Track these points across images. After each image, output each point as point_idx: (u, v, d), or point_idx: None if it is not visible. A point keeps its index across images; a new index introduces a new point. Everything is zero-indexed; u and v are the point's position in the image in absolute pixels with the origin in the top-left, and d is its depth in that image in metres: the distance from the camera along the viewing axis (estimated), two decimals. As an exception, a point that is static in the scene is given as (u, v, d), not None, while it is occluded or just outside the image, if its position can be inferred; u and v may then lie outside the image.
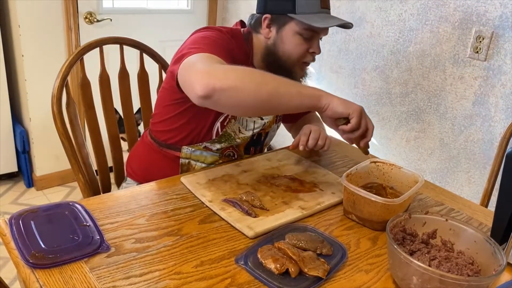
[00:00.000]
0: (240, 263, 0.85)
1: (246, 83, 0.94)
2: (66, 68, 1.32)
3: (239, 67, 0.99)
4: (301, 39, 1.20)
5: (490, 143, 1.79)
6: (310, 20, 1.16)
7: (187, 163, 1.29)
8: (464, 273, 0.80)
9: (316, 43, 1.23)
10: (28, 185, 2.65)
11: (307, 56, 1.24)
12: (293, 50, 1.22)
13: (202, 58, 1.02)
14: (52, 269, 0.79)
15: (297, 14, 1.17)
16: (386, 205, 0.97)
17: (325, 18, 1.18)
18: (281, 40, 1.22)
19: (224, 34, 1.21)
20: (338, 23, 1.17)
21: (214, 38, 1.16)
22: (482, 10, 1.73)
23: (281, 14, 1.19)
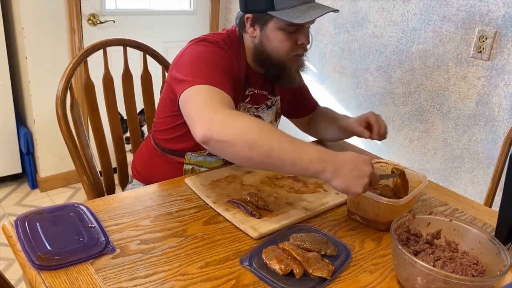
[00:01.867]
0: (244, 264, 0.85)
1: (240, 140, 0.91)
2: (70, 70, 1.33)
3: (240, 117, 0.95)
4: (286, 34, 1.16)
5: (493, 142, 1.79)
6: (290, 16, 1.12)
7: (191, 169, 1.29)
8: (468, 273, 0.80)
9: (303, 35, 1.18)
10: (32, 186, 2.66)
11: (296, 49, 1.20)
12: (280, 46, 1.18)
13: (203, 96, 1.01)
14: (58, 270, 0.80)
15: (277, 10, 1.13)
16: (390, 205, 0.97)
17: (306, 10, 1.13)
18: (266, 38, 1.19)
19: (220, 47, 1.17)
20: (319, 15, 1.12)
21: (212, 60, 1.12)
22: (485, 10, 1.73)
23: (261, 13, 1.16)
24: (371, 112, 1.30)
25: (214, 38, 1.19)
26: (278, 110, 1.39)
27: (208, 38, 1.19)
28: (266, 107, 1.32)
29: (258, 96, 1.29)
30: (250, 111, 1.28)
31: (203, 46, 1.16)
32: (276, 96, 1.35)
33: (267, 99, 1.32)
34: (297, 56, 1.22)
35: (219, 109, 0.97)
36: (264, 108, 1.31)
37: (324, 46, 2.43)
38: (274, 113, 1.36)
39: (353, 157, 0.91)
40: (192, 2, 2.87)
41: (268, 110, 1.33)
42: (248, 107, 1.27)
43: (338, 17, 2.31)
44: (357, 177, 0.89)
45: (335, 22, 2.34)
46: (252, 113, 1.28)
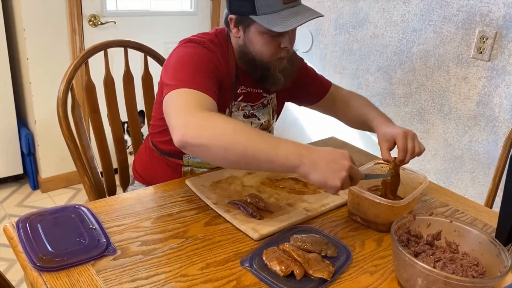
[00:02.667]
0: (245, 265, 0.85)
1: (215, 143, 0.92)
2: (71, 71, 1.33)
3: (214, 119, 0.96)
4: (269, 38, 1.14)
5: (494, 143, 1.79)
6: (271, 22, 1.09)
7: (190, 171, 1.29)
8: (469, 274, 0.80)
9: (286, 38, 1.15)
10: (33, 187, 2.66)
11: (280, 52, 1.18)
12: (263, 49, 1.16)
13: (181, 101, 1.01)
14: (59, 272, 0.80)
15: (258, 15, 1.10)
16: (390, 206, 0.97)
17: (288, 16, 1.10)
18: (249, 40, 1.17)
19: (206, 47, 1.16)
20: (300, 23, 1.08)
21: (196, 62, 1.11)
22: (486, 10, 1.73)
23: (244, 15, 1.14)
24: (403, 131, 1.12)
25: (201, 39, 1.19)
26: (274, 108, 1.37)
27: (195, 38, 1.19)
28: (262, 106, 1.32)
29: (252, 95, 1.29)
30: (245, 109, 1.27)
31: (188, 48, 1.16)
32: (271, 94, 1.35)
33: (262, 97, 1.32)
34: (281, 58, 1.20)
35: (195, 113, 0.97)
36: (260, 107, 1.31)
37: (324, 47, 2.43)
38: (270, 111, 1.35)
39: (330, 151, 0.91)
40: (192, 2, 2.88)
41: (264, 109, 1.32)
42: (242, 106, 1.27)
43: (339, 18, 2.32)
44: (335, 170, 0.88)
45: (336, 23, 2.34)
46: (248, 111, 1.28)
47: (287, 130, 2.79)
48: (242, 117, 1.27)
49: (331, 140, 1.56)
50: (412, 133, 1.13)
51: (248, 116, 1.28)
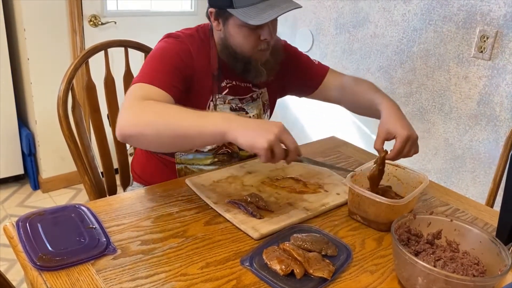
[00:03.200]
0: (245, 264, 0.85)
1: (148, 130, 0.96)
2: (72, 71, 1.33)
3: (145, 107, 0.98)
4: (248, 30, 1.14)
5: (495, 142, 1.79)
6: (247, 15, 1.09)
7: (184, 168, 1.29)
8: (469, 273, 0.80)
9: (265, 30, 1.14)
10: (34, 187, 2.66)
11: (260, 44, 1.17)
12: (243, 42, 1.16)
13: (131, 95, 1.04)
14: (59, 271, 0.80)
15: (235, 8, 1.10)
16: (391, 205, 0.97)
17: (264, 9, 1.09)
18: (229, 33, 1.17)
19: (181, 41, 1.18)
20: (277, 15, 1.08)
21: (163, 57, 1.13)
22: (486, 10, 1.73)
23: (222, 9, 1.14)
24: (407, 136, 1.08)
25: (179, 33, 1.20)
26: (265, 102, 1.36)
27: (173, 33, 1.21)
28: (251, 100, 1.31)
29: (239, 88, 1.28)
30: (232, 102, 1.26)
31: (163, 43, 1.18)
32: (261, 89, 1.34)
33: (251, 91, 1.31)
34: (262, 51, 1.19)
35: (131, 105, 1.00)
36: (249, 101, 1.30)
37: (325, 46, 2.43)
38: (260, 105, 1.33)
39: (262, 120, 0.93)
40: (193, 3, 2.88)
41: (253, 102, 1.31)
42: (229, 99, 1.26)
43: (339, 18, 2.31)
44: (263, 132, 0.89)
45: (336, 23, 2.34)
46: (235, 104, 1.27)
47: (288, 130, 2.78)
48: (229, 110, 1.26)
49: (332, 140, 1.56)
50: (414, 138, 1.10)
51: (236, 109, 1.27)
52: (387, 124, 1.12)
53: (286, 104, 2.73)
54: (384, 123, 1.13)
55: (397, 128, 1.09)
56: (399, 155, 1.09)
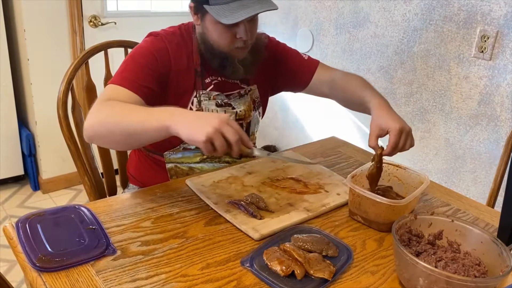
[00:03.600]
0: (245, 265, 0.85)
1: (103, 129, 1.01)
2: (72, 72, 1.33)
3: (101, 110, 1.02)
4: (223, 27, 1.14)
5: (496, 142, 1.78)
6: (220, 13, 1.10)
7: (174, 167, 1.29)
8: (470, 274, 0.80)
9: (241, 29, 1.14)
10: (34, 188, 2.66)
11: (236, 42, 1.17)
12: (219, 39, 1.17)
13: (101, 96, 1.08)
14: (59, 272, 0.80)
15: (211, 5, 1.11)
16: (391, 206, 0.97)
17: (237, 8, 1.09)
18: (206, 28, 1.18)
19: (160, 39, 1.19)
20: (248, 15, 1.08)
21: (136, 56, 1.16)
22: (487, 9, 1.73)
23: (199, 4, 1.15)
24: (399, 128, 1.07)
25: (159, 32, 1.22)
26: (256, 99, 1.36)
27: (154, 32, 1.22)
28: (239, 96, 1.30)
29: (226, 84, 1.28)
30: (218, 98, 1.26)
31: (141, 43, 1.20)
32: (250, 86, 1.34)
33: (239, 87, 1.31)
34: (239, 48, 1.19)
35: (94, 108, 1.04)
36: (236, 97, 1.30)
37: (325, 46, 2.43)
38: (249, 102, 1.33)
39: (200, 112, 0.96)
40: (193, 3, 2.88)
41: (241, 98, 1.31)
42: (214, 95, 1.25)
43: (339, 18, 2.31)
44: (202, 124, 0.90)
45: (336, 23, 2.34)
46: (221, 100, 1.26)
47: (288, 130, 2.78)
48: (215, 105, 1.25)
49: (332, 140, 1.56)
50: (407, 130, 1.10)
51: (221, 105, 1.27)
52: (378, 120, 1.11)
53: (287, 105, 2.73)
54: (375, 120, 1.12)
55: (389, 122, 1.09)
56: (396, 149, 1.09)
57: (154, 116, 0.95)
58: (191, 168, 1.28)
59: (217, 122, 0.90)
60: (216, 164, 1.31)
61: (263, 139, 2.98)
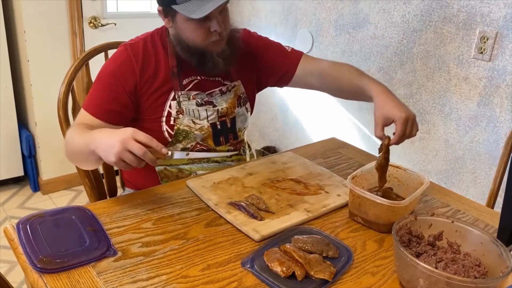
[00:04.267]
0: (246, 266, 0.85)
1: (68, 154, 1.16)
2: (72, 73, 1.33)
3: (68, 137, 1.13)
4: (195, 23, 1.15)
5: (495, 143, 1.79)
6: (188, 9, 1.11)
7: (164, 170, 1.29)
8: (471, 275, 0.80)
9: (214, 22, 1.15)
10: (34, 189, 2.66)
11: (211, 36, 1.18)
12: (193, 35, 1.17)
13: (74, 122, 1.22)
14: (60, 273, 0.80)
15: (178, 4, 1.12)
16: (391, 207, 0.97)
17: (205, 1, 1.10)
18: (179, 29, 1.19)
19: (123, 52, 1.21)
20: (215, 6, 1.09)
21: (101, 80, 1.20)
22: (486, 11, 1.73)
23: (168, 6, 1.16)
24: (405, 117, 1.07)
25: (127, 42, 1.24)
26: (241, 95, 1.35)
27: (124, 43, 1.24)
28: (220, 93, 1.30)
29: (206, 83, 1.28)
30: (198, 98, 1.26)
31: (110, 58, 1.24)
32: (233, 81, 1.33)
33: (221, 84, 1.31)
34: (216, 42, 1.19)
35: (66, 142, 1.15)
36: (218, 94, 1.30)
37: (325, 48, 2.43)
38: (232, 98, 1.32)
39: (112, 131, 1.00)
40: (193, 4, 2.88)
41: (223, 95, 1.30)
42: (193, 94, 1.25)
43: (339, 19, 2.32)
44: (109, 148, 0.96)
45: (336, 24, 2.34)
46: (201, 99, 1.26)
47: (288, 131, 2.78)
48: (195, 105, 1.25)
49: (332, 141, 1.56)
50: (412, 117, 1.09)
51: (202, 104, 1.26)
52: (382, 110, 1.11)
53: (287, 106, 2.73)
54: (380, 109, 1.12)
55: (394, 111, 1.09)
56: (403, 138, 1.09)
57: (86, 141, 1.04)
58: (180, 170, 1.28)
59: (119, 141, 0.94)
60: (205, 165, 1.31)
61: (263, 140, 2.98)
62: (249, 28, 1.45)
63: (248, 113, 1.39)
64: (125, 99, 1.20)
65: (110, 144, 0.95)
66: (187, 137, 1.26)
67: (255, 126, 3.00)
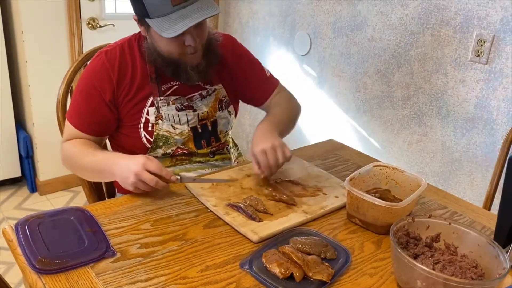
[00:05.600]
0: (245, 267, 0.85)
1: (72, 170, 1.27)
2: (71, 74, 1.33)
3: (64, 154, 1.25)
4: (169, 38, 1.12)
5: (492, 146, 1.80)
6: (160, 26, 1.10)
7: None
8: (468, 276, 0.81)
9: (188, 36, 1.14)
10: (31, 190, 2.65)
11: (185, 49, 1.17)
12: (167, 48, 1.17)
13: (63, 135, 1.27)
14: (59, 274, 0.80)
15: (151, 18, 1.12)
16: (389, 209, 0.98)
17: (177, 19, 1.09)
18: (154, 39, 1.18)
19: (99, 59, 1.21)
20: (187, 26, 1.08)
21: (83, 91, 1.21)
22: (483, 14, 1.74)
23: (141, 17, 1.16)
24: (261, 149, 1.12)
25: (104, 49, 1.24)
26: (223, 99, 1.35)
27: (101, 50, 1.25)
28: (201, 97, 1.30)
29: (185, 88, 1.28)
30: (177, 102, 1.26)
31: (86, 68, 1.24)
32: (214, 85, 1.33)
33: (202, 88, 1.31)
34: (190, 54, 1.19)
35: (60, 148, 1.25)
36: (198, 98, 1.30)
37: (323, 50, 2.44)
38: (212, 102, 1.32)
39: (128, 161, 1.07)
40: (191, 6, 2.88)
41: (203, 100, 1.30)
42: (172, 99, 1.25)
43: (337, 21, 2.32)
44: (125, 178, 1.05)
45: (334, 26, 2.35)
46: (181, 104, 1.26)
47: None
48: (175, 110, 1.25)
49: (330, 143, 1.57)
50: (270, 147, 1.12)
51: (182, 109, 1.26)
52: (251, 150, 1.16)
53: (284, 107, 2.73)
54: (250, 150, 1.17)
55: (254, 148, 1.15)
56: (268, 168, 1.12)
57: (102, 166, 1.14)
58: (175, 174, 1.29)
59: (133, 173, 1.03)
60: (187, 166, 1.31)
61: (261, 142, 2.98)
62: (247, 30, 1.46)
63: (231, 116, 1.38)
64: (105, 110, 1.21)
65: (125, 176, 1.05)
66: (167, 142, 1.26)
67: (253, 128, 3.00)
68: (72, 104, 1.23)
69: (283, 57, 2.66)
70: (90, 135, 1.22)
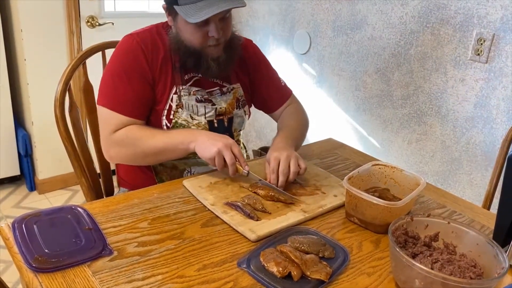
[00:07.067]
0: (242, 266, 0.85)
1: (133, 156, 1.21)
2: (69, 72, 1.33)
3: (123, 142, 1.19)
4: (194, 27, 1.16)
5: (492, 145, 1.79)
6: (187, 12, 1.13)
7: (159, 164, 1.30)
8: (466, 276, 0.80)
9: (212, 27, 1.16)
10: (30, 188, 2.65)
11: (208, 40, 1.19)
12: (191, 38, 1.19)
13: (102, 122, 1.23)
14: (55, 273, 0.79)
15: (180, 5, 1.14)
16: (388, 208, 0.97)
17: (203, 6, 1.11)
18: (179, 29, 1.21)
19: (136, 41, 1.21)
20: (213, 13, 1.10)
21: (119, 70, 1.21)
22: (483, 13, 1.74)
23: (170, 5, 1.18)
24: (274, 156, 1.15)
25: (136, 31, 1.26)
26: (240, 98, 1.36)
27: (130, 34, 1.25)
28: (221, 93, 1.32)
29: (206, 82, 1.30)
30: (198, 94, 1.27)
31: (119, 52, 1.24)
32: (232, 84, 1.35)
33: (221, 85, 1.33)
34: (212, 46, 1.21)
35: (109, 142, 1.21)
36: (218, 93, 1.31)
37: (322, 48, 2.44)
38: (230, 99, 1.33)
39: (216, 134, 1.14)
40: (191, 4, 2.87)
41: (223, 96, 1.32)
42: (194, 90, 1.26)
43: (337, 20, 2.32)
44: (210, 145, 1.10)
45: (334, 25, 2.34)
46: (201, 96, 1.27)
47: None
48: (195, 101, 1.26)
49: (329, 142, 1.56)
50: (285, 156, 1.14)
51: (201, 101, 1.28)
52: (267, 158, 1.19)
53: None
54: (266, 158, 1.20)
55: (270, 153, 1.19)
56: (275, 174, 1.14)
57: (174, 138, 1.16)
58: (174, 165, 1.30)
59: (222, 144, 1.10)
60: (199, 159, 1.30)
61: (260, 141, 2.98)
62: (247, 29, 1.46)
63: (246, 116, 1.40)
64: (147, 89, 1.22)
65: (211, 144, 1.10)
66: None
67: (252, 127, 3.00)
68: (110, 92, 1.21)
69: (283, 56, 2.65)
70: (140, 119, 1.22)
